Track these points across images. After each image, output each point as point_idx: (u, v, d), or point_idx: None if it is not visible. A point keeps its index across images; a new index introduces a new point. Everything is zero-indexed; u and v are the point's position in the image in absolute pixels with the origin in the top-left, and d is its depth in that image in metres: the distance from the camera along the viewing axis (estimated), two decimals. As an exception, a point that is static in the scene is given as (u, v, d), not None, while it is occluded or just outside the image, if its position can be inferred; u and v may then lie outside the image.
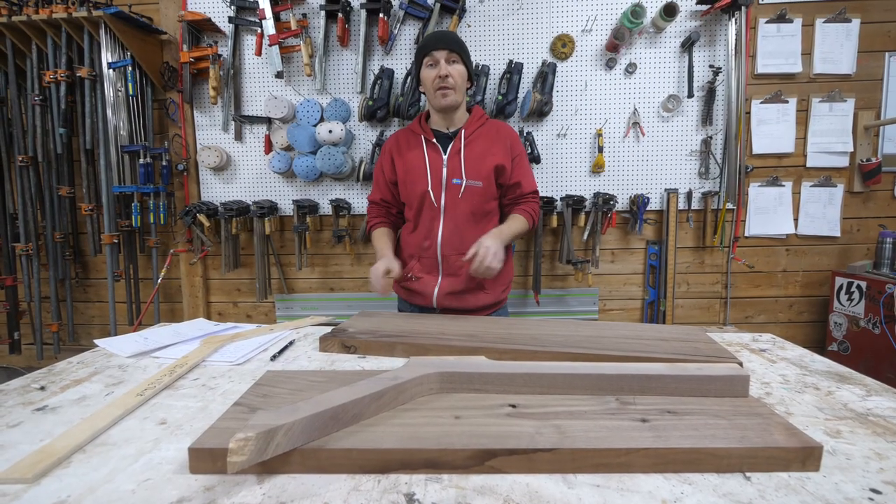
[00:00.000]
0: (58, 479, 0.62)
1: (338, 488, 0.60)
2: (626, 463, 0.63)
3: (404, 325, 1.27)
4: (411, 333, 1.19)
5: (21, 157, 2.45)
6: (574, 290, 2.57)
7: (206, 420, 0.78)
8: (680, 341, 1.12)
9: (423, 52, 1.55)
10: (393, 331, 1.21)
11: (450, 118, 1.62)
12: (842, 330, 2.35)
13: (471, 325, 1.27)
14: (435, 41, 1.53)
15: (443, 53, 1.51)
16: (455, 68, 1.53)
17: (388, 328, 1.24)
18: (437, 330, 1.22)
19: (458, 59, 1.54)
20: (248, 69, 2.48)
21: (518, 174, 1.65)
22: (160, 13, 2.47)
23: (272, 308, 2.69)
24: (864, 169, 2.39)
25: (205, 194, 2.59)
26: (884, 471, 0.63)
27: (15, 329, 2.65)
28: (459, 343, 1.11)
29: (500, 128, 1.67)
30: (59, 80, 2.33)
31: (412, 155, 1.63)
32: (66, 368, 1.05)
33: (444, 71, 1.51)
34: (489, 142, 1.61)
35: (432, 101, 1.59)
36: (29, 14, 2.24)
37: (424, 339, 1.14)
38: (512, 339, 1.14)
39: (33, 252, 2.54)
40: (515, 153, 1.65)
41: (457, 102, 1.57)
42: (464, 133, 1.60)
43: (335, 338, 1.16)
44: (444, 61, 1.51)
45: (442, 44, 1.52)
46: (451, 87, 1.53)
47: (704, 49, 2.36)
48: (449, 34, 1.57)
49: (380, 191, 1.74)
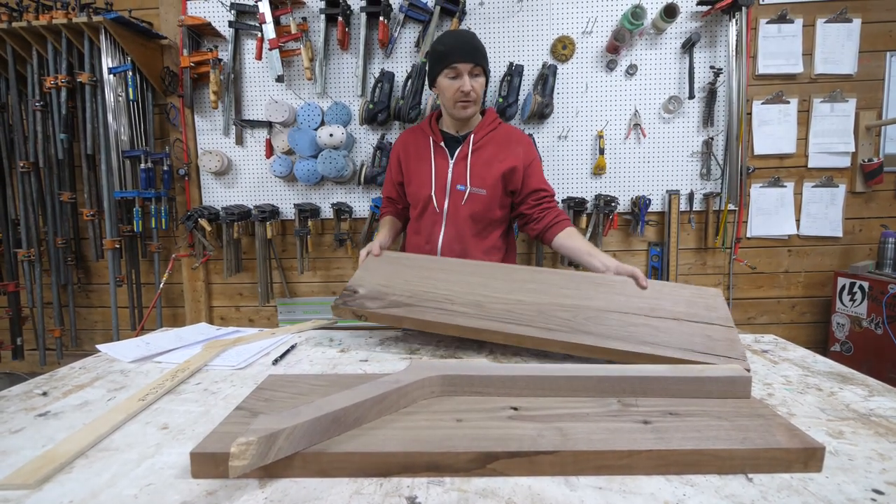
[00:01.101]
0: (60, 484, 0.62)
1: (340, 492, 0.60)
2: (629, 465, 0.63)
3: (413, 281, 1.27)
4: (419, 298, 1.20)
5: (22, 162, 2.45)
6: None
7: (207, 424, 0.78)
8: (691, 322, 1.08)
9: (445, 60, 1.48)
10: (401, 294, 1.22)
11: (462, 123, 1.62)
12: (844, 330, 2.34)
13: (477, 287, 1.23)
14: (460, 52, 1.46)
15: (467, 66, 1.45)
16: (478, 81, 1.49)
17: (397, 287, 1.25)
18: (445, 292, 1.22)
19: (481, 72, 1.49)
20: (249, 73, 2.49)
21: (537, 180, 1.60)
22: (160, 18, 2.48)
23: (274, 312, 2.69)
24: (865, 169, 2.39)
25: (206, 199, 2.59)
26: (886, 471, 0.63)
27: (17, 335, 2.65)
28: (465, 322, 1.11)
29: (512, 133, 1.63)
30: (59, 86, 2.34)
31: (418, 158, 1.62)
32: (68, 374, 1.05)
33: (468, 87, 1.46)
34: (498, 148, 1.58)
35: (451, 111, 1.55)
36: (29, 20, 2.25)
37: (431, 308, 1.16)
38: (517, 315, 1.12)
39: (35, 258, 2.54)
40: (530, 158, 1.61)
41: (474, 114, 1.56)
42: (472, 138, 1.58)
43: (346, 307, 1.21)
44: (467, 75, 1.46)
45: (467, 57, 1.45)
46: (472, 100, 1.50)
47: (705, 50, 2.36)
48: (471, 40, 1.49)
49: (388, 188, 1.75)
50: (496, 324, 1.10)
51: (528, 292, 1.20)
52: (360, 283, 1.29)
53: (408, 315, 1.15)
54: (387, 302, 1.20)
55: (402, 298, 1.21)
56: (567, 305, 1.14)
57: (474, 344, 1.22)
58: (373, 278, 1.29)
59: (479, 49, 1.49)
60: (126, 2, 2.49)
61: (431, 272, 1.31)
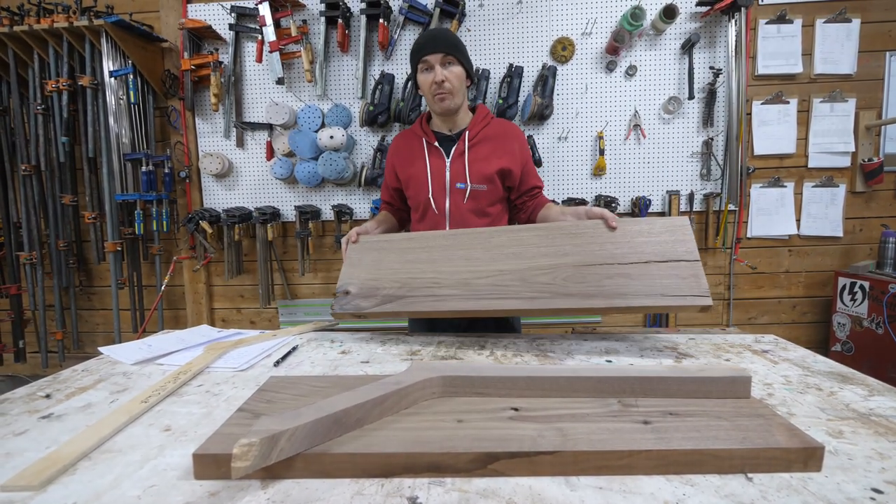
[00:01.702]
0: (64, 486, 0.62)
1: (341, 493, 0.60)
2: (629, 465, 0.63)
3: (399, 269, 1.29)
4: (409, 287, 1.24)
5: (24, 165, 2.46)
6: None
7: (210, 426, 0.78)
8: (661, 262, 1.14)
9: (417, 55, 1.49)
10: (391, 283, 1.26)
11: (451, 120, 1.58)
12: (845, 330, 2.34)
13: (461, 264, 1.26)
14: (429, 45, 1.46)
15: (437, 57, 1.45)
16: (451, 71, 1.47)
17: (386, 278, 1.28)
18: (432, 275, 1.25)
19: (453, 61, 1.47)
20: (249, 76, 2.50)
21: (533, 178, 1.61)
22: (161, 21, 2.49)
23: (275, 314, 2.70)
24: (865, 169, 2.39)
25: (207, 201, 2.60)
26: (885, 470, 0.63)
27: (19, 337, 2.66)
28: (456, 305, 1.18)
29: (506, 128, 1.61)
30: (60, 89, 2.35)
31: (413, 161, 1.60)
32: (70, 376, 1.05)
33: (440, 76, 1.45)
34: (495, 143, 1.56)
35: (431, 106, 1.55)
36: (31, 24, 2.26)
37: (422, 297, 1.21)
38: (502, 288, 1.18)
39: (37, 260, 2.55)
40: (525, 158, 1.60)
41: (456, 106, 1.52)
42: (468, 135, 1.55)
43: (345, 311, 1.26)
44: (438, 66, 1.45)
45: (436, 47, 1.45)
46: (448, 91, 1.47)
47: (705, 50, 2.36)
48: (441, 33, 1.49)
49: (385, 194, 1.74)
50: (484, 301, 1.17)
51: (507, 258, 1.23)
52: (350, 280, 1.30)
53: (402, 309, 1.21)
54: (380, 298, 1.24)
55: (392, 291, 1.25)
56: (545, 267, 1.19)
57: (475, 345, 1.23)
58: (360, 273, 1.30)
59: (448, 39, 1.48)
60: (127, 5, 2.50)
61: (414, 252, 1.32)
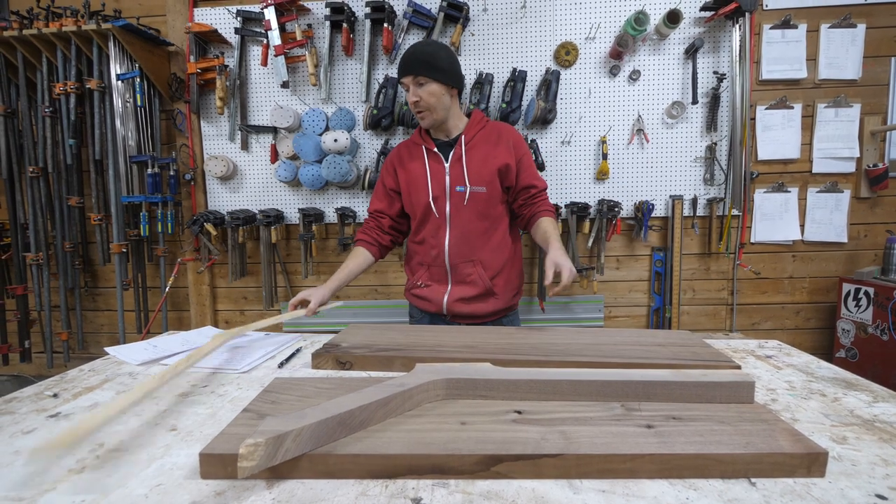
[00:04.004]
0: (72, 484, 0.63)
1: (346, 493, 0.60)
2: (632, 469, 0.63)
3: (399, 338, 1.22)
4: (407, 346, 1.14)
5: (31, 167, 2.48)
6: (579, 297, 2.57)
7: (215, 426, 0.79)
8: (678, 346, 1.13)
9: (398, 78, 1.56)
10: (388, 344, 1.16)
11: (444, 129, 1.62)
12: (849, 336, 2.33)
13: (468, 336, 1.23)
14: (402, 66, 1.52)
15: (409, 79, 1.50)
16: (425, 90, 1.50)
17: (383, 341, 1.19)
18: (434, 342, 1.18)
19: (425, 80, 1.50)
20: (255, 79, 2.52)
21: (528, 175, 1.61)
22: (167, 25, 2.51)
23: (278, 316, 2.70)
24: (870, 174, 2.39)
25: (212, 203, 2.61)
26: (889, 477, 0.63)
27: (25, 338, 2.68)
28: (459, 355, 1.08)
29: (501, 129, 1.64)
30: (68, 92, 2.37)
31: (414, 166, 1.62)
32: (77, 376, 1.06)
33: (413, 97, 1.51)
34: (491, 145, 1.60)
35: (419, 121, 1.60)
36: (39, 27, 2.28)
37: (422, 351, 1.10)
38: (512, 349, 1.12)
39: (43, 261, 2.57)
40: (520, 153, 1.61)
41: (437, 121, 1.56)
42: (464, 139, 1.59)
43: (328, 353, 1.11)
44: (412, 87, 1.51)
45: (406, 70, 1.50)
46: (424, 108, 1.52)
47: (708, 55, 2.37)
48: (415, 54, 1.51)
49: (377, 200, 1.73)
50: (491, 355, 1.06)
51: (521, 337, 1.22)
52: (343, 340, 1.23)
53: (398, 356, 1.09)
54: (374, 349, 1.13)
55: (390, 346, 1.15)
56: (559, 343, 1.17)
57: (478, 348, 1.23)
58: (355, 339, 1.23)
59: (419, 60, 1.50)
60: (134, 9, 2.53)
61: (419, 331, 1.31)
